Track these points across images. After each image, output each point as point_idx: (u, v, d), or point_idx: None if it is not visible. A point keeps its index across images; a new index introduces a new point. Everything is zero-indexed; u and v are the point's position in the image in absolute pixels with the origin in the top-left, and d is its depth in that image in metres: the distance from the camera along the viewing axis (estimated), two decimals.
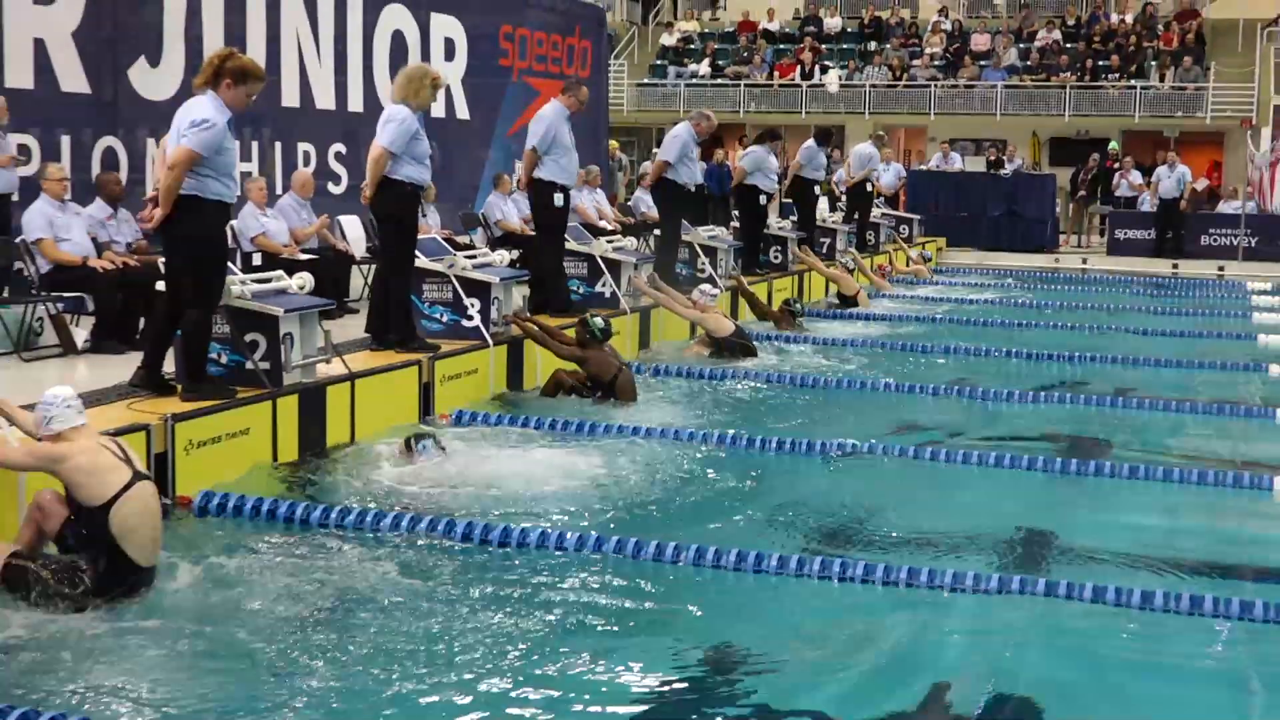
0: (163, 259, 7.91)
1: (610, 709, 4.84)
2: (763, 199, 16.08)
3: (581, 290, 12.35)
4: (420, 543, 6.53)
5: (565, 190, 11.54)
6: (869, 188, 20.07)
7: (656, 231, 14.40)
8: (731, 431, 9.00)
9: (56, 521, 5.53)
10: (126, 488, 5.51)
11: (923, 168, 27.63)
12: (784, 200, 18.58)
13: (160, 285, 7.94)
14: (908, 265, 20.60)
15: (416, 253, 9.81)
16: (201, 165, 7.31)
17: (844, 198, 21.10)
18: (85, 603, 5.43)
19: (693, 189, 14.10)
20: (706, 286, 12.91)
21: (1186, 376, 12.15)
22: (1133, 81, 31.81)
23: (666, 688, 5.05)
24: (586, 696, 4.90)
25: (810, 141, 17.69)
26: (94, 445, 5.57)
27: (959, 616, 5.87)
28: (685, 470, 8.11)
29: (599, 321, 10.06)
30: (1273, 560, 6.91)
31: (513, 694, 4.87)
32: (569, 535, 6.53)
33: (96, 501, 5.44)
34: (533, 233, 12.70)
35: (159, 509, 5.78)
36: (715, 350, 12.05)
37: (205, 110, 7.31)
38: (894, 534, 7.15)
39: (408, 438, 7.87)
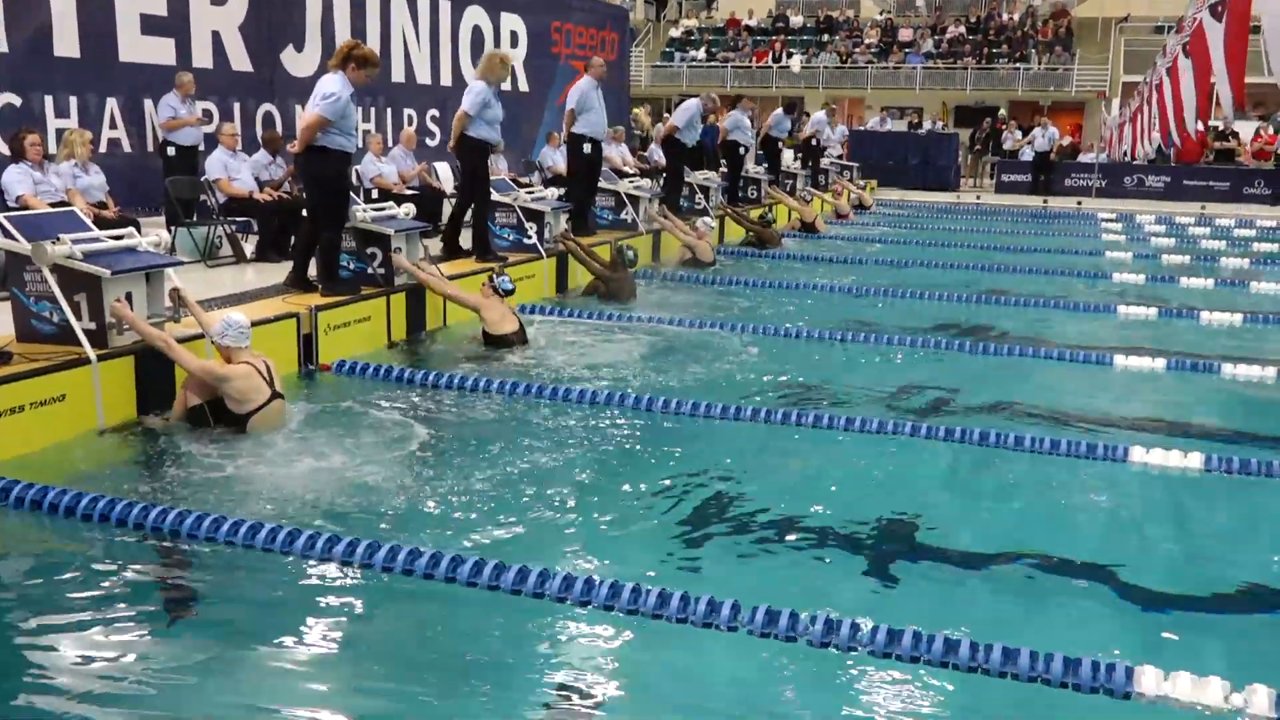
0: (305, 193, 7.82)
1: (642, 514, 4.81)
2: (741, 150, 15.91)
3: (609, 218, 12.19)
4: (490, 396, 6.50)
5: (594, 141, 11.21)
6: (815, 143, 19.86)
7: (665, 175, 14.21)
8: (716, 318, 8.93)
9: (195, 399, 5.55)
10: (264, 405, 5.51)
11: (862, 129, 27.20)
12: (758, 152, 18.30)
13: (304, 212, 7.86)
14: (852, 196, 20.17)
15: (491, 189, 9.67)
16: (330, 126, 7.17)
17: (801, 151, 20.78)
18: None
19: (692, 145, 13.89)
20: (707, 219, 12.76)
21: (1054, 282, 12.00)
22: (1017, 64, 31.37)
23: (675, 499, 5.03)
24: (623, 503, 4.90)
25: (779, 110, 17.64)
26: (248, 369, 5.51)
27: (885, 453, 5.84)
28: (680, 346, 8.04)
29: (630, 254, 9.96)
30: (1108, 413, 6.85)
31: (569, 505, 4.87)
32: (602, 392, 6.49)
33: (241, 411, 5.47)
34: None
35: (285, 418, 5.69)
36: (694, 264, 11.88)
37: (334, 86, 7.16)
38: (840, 394, 7.09)
39: (489, 274, 7.63)
